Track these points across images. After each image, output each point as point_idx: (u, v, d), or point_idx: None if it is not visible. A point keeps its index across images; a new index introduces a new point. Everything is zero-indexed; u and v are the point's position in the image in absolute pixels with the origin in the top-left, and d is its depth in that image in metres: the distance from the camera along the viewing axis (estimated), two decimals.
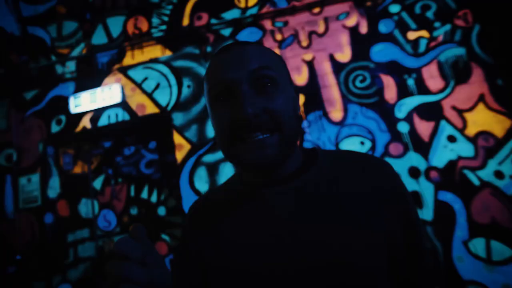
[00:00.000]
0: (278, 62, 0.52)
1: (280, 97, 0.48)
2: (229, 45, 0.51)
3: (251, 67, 0.47)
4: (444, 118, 2.14)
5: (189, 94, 2.44)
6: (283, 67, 0.53)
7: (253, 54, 0.49)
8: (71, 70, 2.79)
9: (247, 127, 0.45)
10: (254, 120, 0.45)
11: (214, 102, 0.50)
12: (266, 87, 0.47)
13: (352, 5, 2.46)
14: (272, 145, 0.46)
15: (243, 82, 0.46)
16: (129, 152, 2.86)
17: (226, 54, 0.49)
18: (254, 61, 0.48)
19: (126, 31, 2.76)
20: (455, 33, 2.26)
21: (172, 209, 2.72)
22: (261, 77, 0.47)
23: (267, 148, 0.45)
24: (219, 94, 0.48)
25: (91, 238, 2.75)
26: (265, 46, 0.53)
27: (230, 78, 0.47)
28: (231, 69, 0.47)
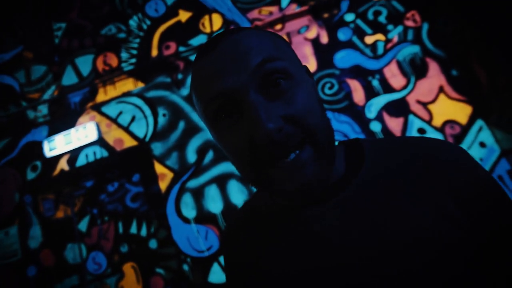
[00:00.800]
0: (282, 44, 0.40)
1: (299, 93, 0.36)
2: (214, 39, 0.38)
3: (253, 63, 0.35)
4: (412, 113, 2.26)
5: (165, 122, 2.46)
6: (289, 49, 0.42)
7: (249, 44, 0.36)
8: (44, 113, 2.75)
9: (271, 148, 0.34)
10: (278, 137, 0.33)
11: (214, 123, 0.38)
12: (278, 85, 0.35)
13: (310, 18, 2.61)
14: (310, 162, 0.35)
15: (248, 89, 0.34)
16: (113, 188, 2.81)
17: (214, 54, 0.37)
18: (254, 53, 0.35)
19: (96, 69, 2.78)
20: (407, 33, 2.43)
21: (164, 240, 2.66)
22: (269, 72, 0.35)
23: (305, 168, 0.35)
24: (218, 111, 0.37)
25: (81, 284, 2.63)
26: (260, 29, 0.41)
27: (228, 88, 0.35)
28: (227, 73, 0.35)
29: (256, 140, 0.34)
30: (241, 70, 0.35)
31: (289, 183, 0.35)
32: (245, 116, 0.35)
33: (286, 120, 0.34)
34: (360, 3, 2.56)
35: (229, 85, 0.35)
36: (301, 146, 0.35)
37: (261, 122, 0.33)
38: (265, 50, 0.36)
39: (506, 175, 2.10)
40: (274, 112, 0.34)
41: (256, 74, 0.35)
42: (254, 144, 0.34)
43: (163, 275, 2.58)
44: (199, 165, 2.33)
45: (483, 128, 2.18)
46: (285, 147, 0.35)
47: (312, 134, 0.35)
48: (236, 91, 0.35)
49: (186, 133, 2.40)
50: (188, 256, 2.19)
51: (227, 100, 0.36)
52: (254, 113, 0.33)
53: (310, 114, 0.36)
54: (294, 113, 0.35)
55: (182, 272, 2.50)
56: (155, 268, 2.61)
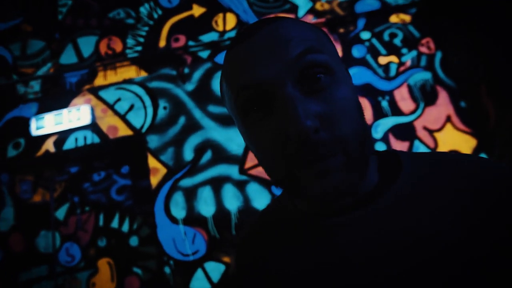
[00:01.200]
0: (324, 37, 0.37)
1: (340, 93, 0.33)
2: (252, 26, 0.35)
3: (293, 54, 0.32)
4: (417, 138, 2.23)
5: (165, 116, 2.35)
6: (331, 43, 0.38)
7: (290, 33, 0.33)
8: (35, 90, 2.60)
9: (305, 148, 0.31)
10: (314, 137, 0.31)
11: (245, 115, 0.35)
12: (318, 80, 0.32)
13: (326, 31, 2.58)
14: (339, 172, 0.32)
15: (285, 81, 0.32)
16: (98, 178, 2.65)
17: (250, 41, 0.34)
18: (294, 43, 0.32)
19: (99, 51, 2.66)
20: (420, 58, 2.43)
21: (146, 238, 2.51)
22: (309, 65, 0.32)
23: (333, 175, 0.32)
24: (250, 103, 0.34)
25: (50, 276, 2.44)
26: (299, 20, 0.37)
27: (264, 78, 0.32)
28: (263, 62, 0.32)
29: (291, 137, 0.31)
30: (279, 59, 0.32)
31: (316, 188, 0.33)
32: (279, 111, 0.32)
33: (322, 120, 0.32)
34: (376, 23, 2.56)
35: (264, 75, 0.32)
36: (334, 152, 0.32)
37: (299, 119, 0.30)
38: (308, 40, 0.33)
39: None
40: (312, 108, 0.31)
41: (295, 66, 0.32)
42: (288, 141, 0.32)
43: (140, 275, 2.43)
44: (195, 164, 2.22)
45: None
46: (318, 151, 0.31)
47: (346, 143, 0.32)
48: (271, 82, 0.32)
49: (186, 129, 2.30)
50: (171, 258, 2.05)
51: (261, 91, 0.33)
52: (291, 109, 0.31)
53: (348, 117, 0.33)
54: (332, 114, 0.32)
55: (161, 275, 2.35)
56: (133, 267, 2.45)
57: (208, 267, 2.03)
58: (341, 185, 0.32)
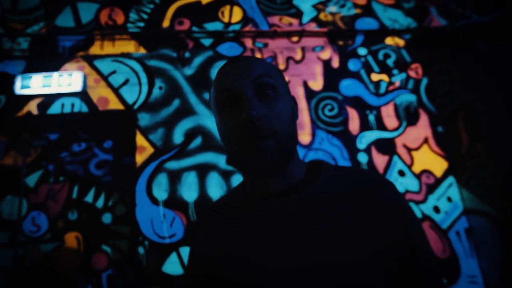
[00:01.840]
0: (276, 72, 0.57)
1: (279, 104, 0.52)
2: (235, 58, 0.57)
3: (253, 75, 0.52)
4: (397, 154, 2.39)
5: (159, 95, 2.33)
6: (281, 77, 0.59)
7: (255, 64, 0.54)
8: (23, 47, 2.47)
9: (251, 128, 0.48)
10: (257, 123, 0.48)
11: (221, 107, 0.54)
12: (267, 94, 0.52)
13: (326, 41, 2.70)
14: (270, 149, 0.49)
15: (247, 89, 0.51)
16: (78, 149, 2.56)
17: (232, 65, 0.55)
18: (255, 70, 0.53)
19: (99, 20, 2.58)
20: (408, 81, 2.61)
21: (120, 217, 2.46)
22: (262, 84, 0.52)
23: (266, 151, 0.49)
24: (226, 100, 0.53)
25: (11, 244, 2.31)
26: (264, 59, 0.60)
27: (236, 86, 0.52)
28: (237, 77, 0.52)
29: (243, 119, 0.48)
30: (246, 77, 0.52)
31: (255, 159, 0.50)
32: (241, 105, 0.51)
33: (265, 116, 0.50)
34: (373, 42, 2.71)
35: (236, 84, 0.52)
36: (269, 138, 0.49)
37: (249, 109, 0.48)
38: (264, 69, 0.54)
39: (463, 232, 2.28)
40: (259, 108, 0.50)
41: (254, 82, 0.52)
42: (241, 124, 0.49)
43: (109, 253, 2.36)
44: (183, 148, 2.22)
45: (453, 184, 2.37)
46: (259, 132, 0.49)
47: (276, 132, 0.50)
48: (239, 89, 0.52)
49: (179, 112, 2.30)
50: (147, 238, 2.03)
51: (232, 94, 0.52)
52: (246, 104, 0.50)
53: (280, 120, 0.51)
54: (270, 114, 0.50)
55: (132, 255, 2.31)
56: (102, 244, 2.39)
57: (183, 252, 2.03)
58: (273, 159, 0.49)
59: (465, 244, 2.24)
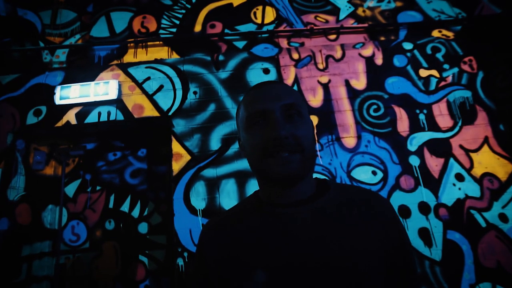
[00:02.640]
0: (301, 99, 0.63)
1: (304, 126, 0.57)
2: (263, 83, 0.62)
3: (283, 102, 0.57)
4: (453, 156, 2.15)
5: (194, 100, 2.27)
6: (305, 102, 0.69)
7: (283, 91, 0.59)
8: (61, 60, 2.51)
9: (278, 145, 0.53)
10: (285, 141, 0.54)
11: (250, 126, 0.58)
12: (293, 117, 0.57)
13: (366, 37, 2.52)
14: (295, 162, 0.54)
15: (276, 111, 0.56)
16: (113, 158, 2.55)
17: (262, 89, 0.61)
18: (284, 97, 0.58)
19: (132, 28, 2.58)
20: (462, 76, 2.36)
21: (156, 226, 2.40)
22: (290, 108, 0.57)
23: (291, 164, 0.54)
24: (256, 119, 0.58)
25: (52, 253, 2.32)
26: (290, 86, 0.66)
27: (266, 107, 0.57)
28: (267, 101, 0.57)
29: (271, 137, 0.54)
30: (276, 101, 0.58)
31: (277, 169, 0.54)
32: (270, 124, 0.56)
33: (292, 136, 0.55)
34: (418, 36, 2.50)
35: (266, 106, 0.57)
36: (295, 153, 0.55)
37: (278, 128, 0.54)
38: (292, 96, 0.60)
39: None
40: (287, 127, 0.56)
41: (282, 105, 0.57)
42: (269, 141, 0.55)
43: (145, 264, 2.31)
44: (221, 154, 2.13)
45: None
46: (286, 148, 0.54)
47: (304, 149, 0.56)
48: (269, 110, 0.57)
49: (215, 117, 2.21)
50: (186, 249, 1.94)
51: (262, 114, 0.57)
52: (275, 123, 0.55)
53: (305, 139, 0.56)
54: (297, 133, 0.56)
55: (170, 266, 2.24)
56: (139, 254, 2.34)
57: None
58: (296, 172, 0.54)
59: None
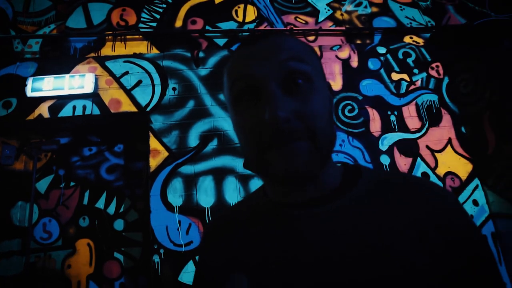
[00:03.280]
0: (311, 53, 0.44)
1: (315, 98, 0.40)
2: (257, 37, 0.43)
3: (279, 59, 0.39)
4: (420, 156, 2.29)
5: (173, 96, 2.26)
6: (317, 60, 0.45)
7: (282, 44, 0.41)
8: (34, 50, 2.41)
9: (276, 134, 0.37)
10: (285, 126, 0.37)
11: (236, 103, 0.42)
12: (298, 85, 0.39)
13: (343, 39, 2.61)
14: (303, 154, 0.38)
15: (270, 79, 0.39)
16: (89, 153, 2.49)
17: (251, 46, 0.42)
18: (282, 51, 0.40)
19: (110, 20, 2.52)
20: (429, 81, 2.52)
21: (132, 223, 2.38)
22: (292, 72, 0.39)
23: (297, 157, 0.38)
24: (242, 93, 0.41)
25: (22, 251, 2.24)
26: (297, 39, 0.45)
27: (255, 74, 0.39)
28: (256, 62, 0.40)
29: (266, 123, 0.37)
30: (268, 63, 0.39)
31: (281, 166, 0.38)
32: (262, 102, 0.39)
33: (296, 115, 0.38)
34: (392, 41, 2.62)
35: (254, 72, 0.39)
36: (302, 140, 0.38)
37: (274, 109, 0.37)
38: (294, 51, 0.41)
39: (490, 237, 2.18)
40: (287, 105, 0.38)
41: (280, 68, 0.39)
42: (263, 126, 0.38)
43: (121, 261, 2.29)
44: (199, 151, 2.14)
45: (478, 187, 2.27)
46: (288, 136, 0.38)
47: (314, 133, 0.39)
48: (259, 78, 0.39)
49: (194, 113, 2.22)
50: (162, 246, 1.95)
51: (251, 85, 0.40)
52: (270, 101, 0.38)
53: (318, 118, 0.39)
54: (304, 111, 0.38)
55: (146, 263, 2.23)
56: (114, 252, 2.31)
57: None
58: (302, 167, 0.38)
59: (492, 249, 2.14)
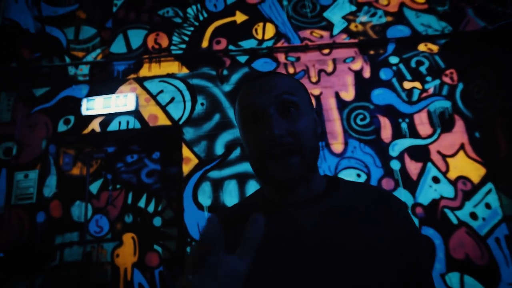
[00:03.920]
0: (300, 88, 0.58)
1: (302, 120, 0.53)
2: (258, 75, 0.59)
3: (276, 93, 0.53)
4: (431, 161, 2.41)
5: (202, 111, 2.58)
6: (304, 92, 0.60)
7: (278, 82, 0.56)
8: (84, 73, 2.85)
9: (274, 146, 0.50)
10: (280, 140, 0.50)
11: (245, 123, 0.56)
12: (289, 111, 0.53)
13: (357, 51, 2.78)
14: (295, 165, 0.51)
15: (269, 106, 0.53)
16: (131, 160, 2.90)
17: (255, 82, 0.57)
18: (278, 87, 0.54)
19: (146, 44, 2.90)
20: (443, 88, 2.61)
21: (168, 220, 2.75)
22: (285, 101, 0.53)
23: (291, 168, 0.51)
24: (249, 116, 0.55)
25: (80, 242, 2.70)
26: (290, 75, 0.62)
27: (258, 103, 0.53)
28: (260, 94, 0.54)
29: (265, 138, 0.51)
30: (268, 94, 0.54)
31: (279, 174, 0.51)
32: (264, 122, 0.52)
33: (288, 132, 0.52)
34: (405, 50, 2.74)
35: (259, 101, 0.54)
36: (293, 153, 0.51)
37: (272, 127, 0.50)
38: (287, 87, 0.55)
39: (503, 239, 2.25)
40: (282, 125, 0.52)
41: (277, 99, 0.53)
42: (263, 141, 0.51)
43: (159, 253, 2.66)
44: (224, 159, 2.44)
45: (492, 191, 2.34)
46: (282, 149, 0.51)
47: (301, 147, 0.52)
48: (262, 105, 0.53)
49: (219, 126, 2.52)
50: (194, 240, 2.28)
51: (255, 111, 0.54)
52: (269, 121, 0.51)
53: (304, 135, 0.53)
54: (294, 130, 0.52)
55: (181, 255, 2.58)
56: (154, 244, 2.69)
57: None
58: (296, 174, 0.51)
59: (505, 251, 2.22)
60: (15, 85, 2.75)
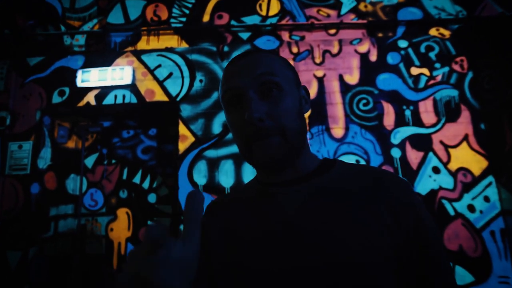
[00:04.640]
0: (283, 67, 0.56)
1: (285, 101, 0.52)
2: (240, 54, 0.56)
3: (256, 74, 0.51)
4: (432, 151, 2.35)
5: (200, 88, 2.50)
6: (288, 71, 0.57)
7: (259, 61, 0.53)
8: (80, 43, 2.75)
9: (254, 130, 0.49)
10: (259, 124, 0.49)
11: (227, 107, 0.55)
12: (271, 92, 0.51)
13: (365, 33, 2.65)
14: (276, 147, 0.50)
15: (249, 89, 0.51)
16: (127, 135, 2.85)
17: (237, 62, 0.55)
18: (259, 68, 0.52)
19: (145, 16, 2.77)
20: (451, 76, 2.50)
21: (163, 197, 2.74)
22: (265, 82, 0.51)
23: (271, 150, 0.49)
24: (230, 99, 0.54)
25: (74, 215, 2.70)
26: (274, 54, 0.58)
27: (238, 85, 0.52)
28: (239, 77, 0.52)
29: (245, 120, 0.49)
30: (248, 76, 0.52)
31: (257, 157, 0.50)
32: (243, 106, 0.51)
33: (268, 115, 0.50)
34: (416, 34, 2.61)
35: (238, 84, 0.52)
36: (274, 135, 0.50)
37: (250, 111, 0.48)
38: (268, 67, 0.53)
39: (498, 232, 2.23)
40: (261, 107, 0.50)
41: (256, 80, 0.51)
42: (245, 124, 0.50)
43: None
44: (221, 138, 2.39)
45: (492, 184, 2.30)
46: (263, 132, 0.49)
47: (282, 129, 0.50)
48: (241, 88, 0.52)
49: (218, 104, 2.45)
50: None
51: (236, 93, 0.52)
52: (248, 105, 0.50)
53: (286, 116, 0.51)
54: (274, 112, 0.50)
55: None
56: (148, 220, 2.69)
57: None
58: (277, 156, 0.50)
59: (500, 245, 2.20)
60: (8, 53, 2.66)
